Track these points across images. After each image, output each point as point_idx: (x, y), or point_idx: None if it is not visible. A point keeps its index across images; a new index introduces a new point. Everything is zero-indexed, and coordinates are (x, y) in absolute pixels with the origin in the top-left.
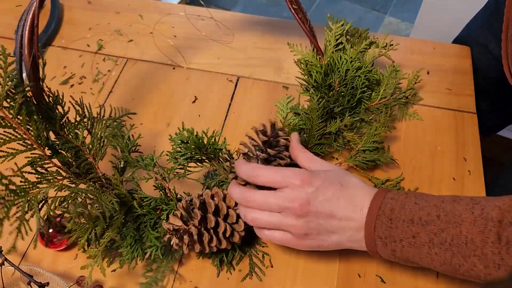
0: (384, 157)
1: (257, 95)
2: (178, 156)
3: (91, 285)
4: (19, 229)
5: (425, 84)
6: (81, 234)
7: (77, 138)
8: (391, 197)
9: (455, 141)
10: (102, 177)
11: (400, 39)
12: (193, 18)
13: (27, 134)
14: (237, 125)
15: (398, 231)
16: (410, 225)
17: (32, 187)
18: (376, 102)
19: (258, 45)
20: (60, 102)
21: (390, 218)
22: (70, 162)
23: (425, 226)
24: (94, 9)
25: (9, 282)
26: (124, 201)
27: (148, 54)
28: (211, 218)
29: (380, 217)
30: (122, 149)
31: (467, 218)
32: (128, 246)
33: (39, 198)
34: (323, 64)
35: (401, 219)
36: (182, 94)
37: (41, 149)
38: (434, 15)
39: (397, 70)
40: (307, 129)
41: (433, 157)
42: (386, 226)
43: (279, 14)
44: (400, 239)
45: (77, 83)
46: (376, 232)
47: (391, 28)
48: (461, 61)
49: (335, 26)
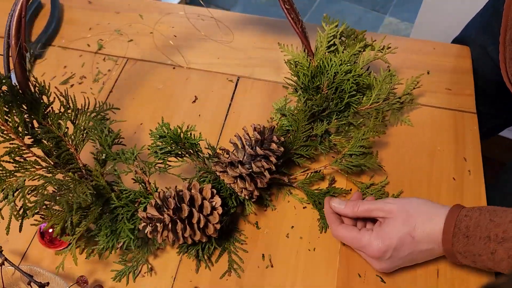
0: (370, 162)
1: (257, 95)
2: (157, 150)
3: (91, 285)
4: None
5: (425, 84)
6: (57, 221)
7: (59, 128)
8: (465, 214)
9: (455, 141)
10: (82, 167)
11: (400, 39)
12: (193, 18)
13: (5, 126)
14: (237, 125)
15: (476, 247)
16: (487, 242)
17: (9, 175)
18: (367, 106)
19: (258, 45)
20: (46, 92)
21: (467, 236)
22: (51, 151)
23: (503, 243)
24: (94, 9)
25: (9, 282)
26: (102, 192)
27: (148, 54)
28: (185, 207)
29: (457, 235)
30: (101, 143)
31: None
32: (104, 236)
33: (14, 186)
34: (311, 66)
35: (477, 236)
36: (182, 94)
37: (20, 139)
38: (434, 15)
39: (393, 75)
40: (293, 131)
41: (433, 157)
42: (463, 243)
43: (279, 14)
44: (479, 254)
45: (77, 83)
46: (454, 248)
47: (391, 28)
48: (461, 61)
49: (328, 27)
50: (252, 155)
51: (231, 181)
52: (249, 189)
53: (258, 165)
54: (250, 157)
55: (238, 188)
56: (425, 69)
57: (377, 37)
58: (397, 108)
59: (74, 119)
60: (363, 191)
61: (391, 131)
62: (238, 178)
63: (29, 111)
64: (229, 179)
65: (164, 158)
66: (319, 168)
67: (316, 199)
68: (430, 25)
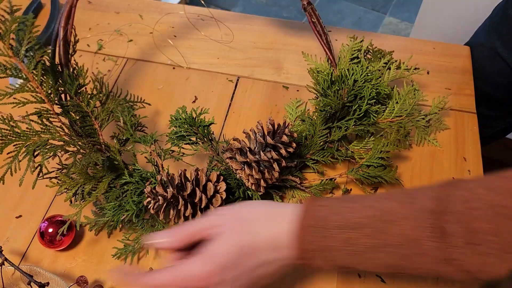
0: (389, 176)
1: (257, 95)
2: (173, 136)
3: (91, 285)
4: (9, 166)
5: (425, 84)
6: (70, 187)
7: (88, 105)
8: (320, 204)
9: (455, 140)
10: (102, 142)
11: (400, 39)
12: (193, 18)
13: (39, 88)
14: (237, 125)
15: (333, 239)
16: (346, 231)
17: (34, 134)
18: (389, 119)
19: (258, 45)
20: (83, 74)
21: (323, 227)
22: (76, 123)
23: (362, 230)
24: (94, 9)
25: (9, 282)
26: (116, 167)
27: (148, 54)
28: (189, 185)
29: (310, 227)
30: (125, 121)
31: (404, 215)
32: (112, 208)
33: (37, 144)
34: (332, 73)
35: (335, 225)
36: (182, 94)
37: (50, 104)
38: (434, 15)
39: (416, 90)
40: (310, 135)
41: (433, 157)
42: (320, 236)
43: (279, 14)
44: (337, 248)
45: None
46: (308, 245)
47: (391, 28)
48: (461, 61)
49: (352, 43)
50: (262, 144)
51: (238, 167)
52: (256, 176)
53: (267, 155)
54: (260, 146)
55: (245, 175)
56: (425, 69)
57: (377, 37)
58: (423, 127)
59: (103, 101)
60: None
61: (415, 148)
62: (246, 165)
63: (64, 86)
64: (237, 165)
65: (178, 144)
66: (334, 176)
67: None
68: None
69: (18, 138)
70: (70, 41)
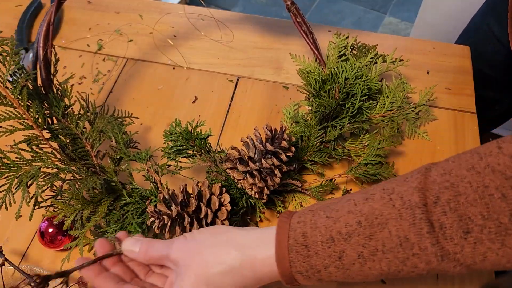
0: (387, 172)
1: (257, 95)
2: (170, 151)
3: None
4: (3, 200)
5: (425, 84)
6: (68, 214)
7: (77, 127)
8: (298, 221)
9: (455, 140)
10: (97, 164)
11: (400, 39)
12: (193, 18)
13: (26, 114)
14: (237, 125)
15: (319, 257)
16: (332, 245)
17: (25, 163)
18: (381, 114)
19: (258, 45)
20: (67, 95)
21: (305, 245)
22: (67, 146)
23: (349, 240)
24: (94, 9)
25: (9, 282)
26: (114, 188)
27: (148, 54)
28: (193, 201)
29: (293, 248)
30: (117, 141)
31: (391, 214)
32: (113, 231)
33: (30, 174)
34: (321, 73)
35: (318, 241)
36: (182, 94)
37: (39, 130)
38: (434, 15)
39: (405, 83)
40: (306, 136)
41: (432, 157)
42: (303, 256)
43: (279, 14)
44: (324, 266)
45: (77, 83)
46: (293, 268)
47: (391, 28)
48: (461, 61)
49: (338, 39)
50: (262, 151)
51: (240, 177)
52: (259, 185)
53: (268, 161)
54: (260, 153)
55: (247, 185)
56: (425, 69)
57: (377, 37)
58: (412, 119)
59: (92, 121)
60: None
61: (396, 147)
62: (248, 174)
63: (49, 109)
64: (238, 175)
65: (175, 158)
66: (334, 177)
67: None
68: (430, 25)
69: (9, 169)
70: (51, 60)
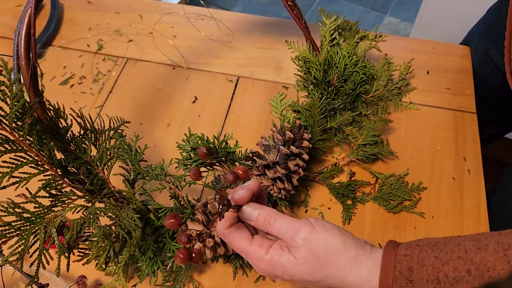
0: (384, 150)
1: (257, 95)
2: (188, 163)
3: (91, 285)
4: (39, 260)
5: (425, 84)
6: (98, 253)
7: (85, 152)
8: (404, 254)
9: (455, 140)
10: (115, 191)
11: (400, 39)
12: (193, 18)
13: (39, 156)
14: (237, 125)
15: None
16: (437, 286)
17: (47, 211)
18: (371, 94)
19: (258, 45)
20: (62, 115)
21: (410, 280)
22: (82, 179)
23: (455, 286)
24: (94, 9)
25: (9, 282)
26: (141, 214)
27: (148, 54)
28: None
29: (398, 280)
30: (132, 162)
31: (504, 270)
32: (147, 259)
33: (56, 222)
34: (321, 61)
35: (423, 279)
36: (182, 94)
37: (54, 170)
38: (434, 15)
39: (390, 62)
40: (310, 126)
41: (432, 156)
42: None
43: (279, 14)
44: None
45: (77, 83)
46: None
47: (391, 28)
48: (461, 61)
49: (329, 21)
50: (287, 155)
51: (270, 183)
52: (288, 188)
53: (293, 163)
54: (284, 156)
55: (276, 189)
56: (425, 69)
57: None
58: (396, 94)
59: (94, 141)
60: (383, 181)
61: (389, 125)
62: (277, 180)
63: (52, 138)
64: (267, 181)
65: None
66: (338, 161)
67: (339, 191)
68: (430, 25)
69: (32, 223)
70: (37, 77)
